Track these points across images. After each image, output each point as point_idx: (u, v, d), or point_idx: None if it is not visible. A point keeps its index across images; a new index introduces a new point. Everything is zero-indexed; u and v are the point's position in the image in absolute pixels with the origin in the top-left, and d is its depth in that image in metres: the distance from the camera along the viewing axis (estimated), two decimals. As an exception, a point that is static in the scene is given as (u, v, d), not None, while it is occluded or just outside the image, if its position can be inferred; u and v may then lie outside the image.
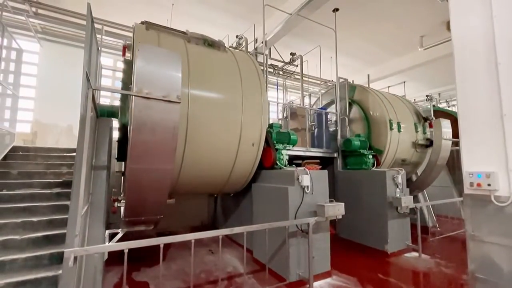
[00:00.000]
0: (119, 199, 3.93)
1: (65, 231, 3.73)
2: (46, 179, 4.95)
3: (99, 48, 5.65)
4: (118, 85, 9.46)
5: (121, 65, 9.46)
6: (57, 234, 3.81)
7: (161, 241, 2.71)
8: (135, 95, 2.83)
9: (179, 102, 3.11)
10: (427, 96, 13.48)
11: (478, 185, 2.96)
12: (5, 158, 5.22)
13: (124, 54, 4.64)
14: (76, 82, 8.35)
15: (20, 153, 5.59)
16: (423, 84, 13.80)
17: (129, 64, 4.68)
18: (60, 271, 3.20)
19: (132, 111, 2.87)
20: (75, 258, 2.33)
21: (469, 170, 3.09)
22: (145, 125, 2.92)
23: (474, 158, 3.09)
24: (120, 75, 9.31)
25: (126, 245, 2.53)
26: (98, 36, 5.88)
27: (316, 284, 3.95)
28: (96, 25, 5.11)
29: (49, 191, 4.58)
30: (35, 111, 7.85)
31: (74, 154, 6.08)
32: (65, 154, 6.02)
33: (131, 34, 8.18)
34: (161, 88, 3.02)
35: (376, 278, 4.31)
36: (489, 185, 2.86)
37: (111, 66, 9.03)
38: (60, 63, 8.05)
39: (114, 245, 2.57)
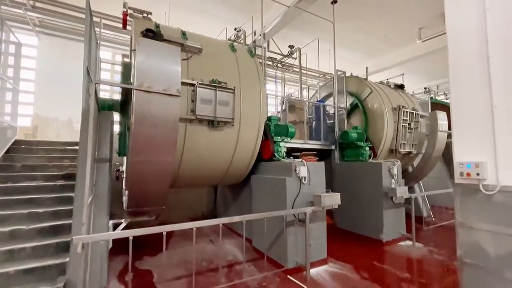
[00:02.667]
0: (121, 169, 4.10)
1: (70, 221, 3.88)
2: (49, 171, 5.05)
3: (98, 42, 5.66)
4: (117, 78, 9.48)
5: (119, 58, 9.46)
6: (62, 224, 3.94)
7: (163, 229, 2.84)
8: (136, 89, 2.91)
9: (179, 96, 3.19)
10: (425, 88, 13.56)
11: (468, 174, 3.07)
12: (8, 151, 5.32)
13: (125, 26, 4.36)
14: (75, 76, 8.42)
15: (23, 146, 5.68)
16: (421, 76, 13.82)
17: (127, 67, 4.68)
18: (67, 259, 3.34)
19: (133, 105, 2.95)
20: (83, 245, 2.44)
21: (460, 160, 3.20)
22: (146, 118, 3.01)
23: (465, 149, 3.20)
24: (118, 68, 9.33)
25: (131, 233, 2.66)
26: (97, 29, 5.87)
27: (313, 270, 4.11)
28: (94, 19, 5.11)
29: (52, 184, 4.69)
30: (35, 105, 7.88)
31: (76, 147, 6.19)
32: (66, 148, 6.11)
33: (128, 27, 8.18)
34: (161, 81, 3.10)
35: (371, 265, 4.49)
36: (478, 174, 2.97)
37: (109, 59, 9.03)
38: (59, 57, 8.04)
39: (119, 233, 2.69)
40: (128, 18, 4.48)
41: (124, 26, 3.89)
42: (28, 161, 5.21)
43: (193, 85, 4.20)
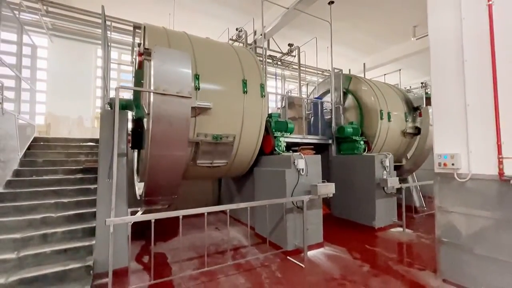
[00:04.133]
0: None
1: (91, 210, 4.37)
2: (68, 166, 5.50)
3: (109, 45, 6.04)
4: (124, 77, 9.87)
5: (125, 58, 9.85)
6: (85, 212, 4.41)
7: (180, 213, 3.30)
8: (154, 92, 3.32)
9: (190, 97, 3.61)
10: (422, 83, 13.87)
11: (445, 164, 3.51)
12: (28, 148, 5.76)
13: (140, 66, 4.41)
14: (84, 76, 8.85)
15: (41, 143, 6.12)
16: (418, 71, 14.14)
17: (139, 64, 5.06)
18: (93, 242, 3.82)
19: (151, 106, 3.36)
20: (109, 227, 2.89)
21: (438, 152, 3.64)
22: (163, 117, 3.43)
23: (443, 142, 3.63)
24: (124, 68, 9.73)
25: (153, 216, 3.12)
26: (108, 33, 6.25)
27: (310, 252, 4.59)
28: (107, 23, 5.49)
29: (73, 177, 5.15)
30: (47, 104, 8.31)
31: (89, 143, 6.64)
32: (81, 144, 6.55)
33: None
34: (175, 85, 3.50)
35: (363, 248, 4.96)
36: (453, 164, 3.42)
37: (116, 59, 9.40)
38: (69, 58, 8.44)
39: (143, 216, 3.14)
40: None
41: (140, 66, 4.07)
42: (48, 157, 5.66)
43: (197, 142, 4.62)
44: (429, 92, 12.36)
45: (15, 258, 3.38)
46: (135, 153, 6.33)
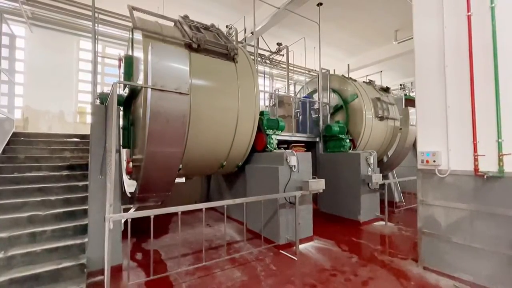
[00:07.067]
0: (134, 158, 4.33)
1: (81, 207, 4.27)
2: (52, 162, 5.28)
3: (97, 37, 5.84)
4: (108, 70, 9.54)
5: (109, 51, 9.52)
6: (75, 210, 4.29)
7: (179, 209, 3.33)
8: (152, 88, 3.30)
9: (188, 94, 3.62)
10: (400, 85, 14.59)
11: (427, 161, 3.81)
12: (8, 143, 5.46)
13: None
14: (66, 68, 8.44)
15: (22, 138, 5.81)
16: (398, 73, 14.85)
17: (128, 59, 4.90)
18: (86, 240, 3.75)
19: (149, 102, 3.34)
20: (103, 224, 2.87)
21: (421, 150, 3.93)
22: (160, 114, 3.42)
23: (426, 140, 3.93)
24: (108, 61, 9.39)
25: (151, 212, 3.12)
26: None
27: (301, 246, 4.78)
28: (90, 13, 5.27)
29: (58, 174, 4.96)
30: (25, 97, 7.84)
31: (75, 139, 6.40)
32: (65, 140, 6.29)
33: (121, 21, 8.28)
34: (172, 81, 3.50)
35: (349, 240, 5.24)
36: (434, 161, 3.71)
37: (100, 52, 9.04)
38: (49, 49, 7.99)
39: (142, 212, 3.14)
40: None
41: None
42: (30, 153, 5.38)
43: None
44: (407, 94, 13.10)
45: (2, 258, 3.24)
46: (124, 150, 6.19)
